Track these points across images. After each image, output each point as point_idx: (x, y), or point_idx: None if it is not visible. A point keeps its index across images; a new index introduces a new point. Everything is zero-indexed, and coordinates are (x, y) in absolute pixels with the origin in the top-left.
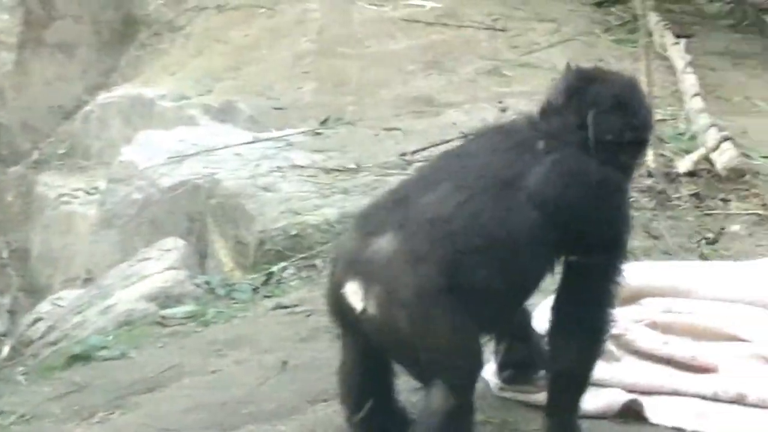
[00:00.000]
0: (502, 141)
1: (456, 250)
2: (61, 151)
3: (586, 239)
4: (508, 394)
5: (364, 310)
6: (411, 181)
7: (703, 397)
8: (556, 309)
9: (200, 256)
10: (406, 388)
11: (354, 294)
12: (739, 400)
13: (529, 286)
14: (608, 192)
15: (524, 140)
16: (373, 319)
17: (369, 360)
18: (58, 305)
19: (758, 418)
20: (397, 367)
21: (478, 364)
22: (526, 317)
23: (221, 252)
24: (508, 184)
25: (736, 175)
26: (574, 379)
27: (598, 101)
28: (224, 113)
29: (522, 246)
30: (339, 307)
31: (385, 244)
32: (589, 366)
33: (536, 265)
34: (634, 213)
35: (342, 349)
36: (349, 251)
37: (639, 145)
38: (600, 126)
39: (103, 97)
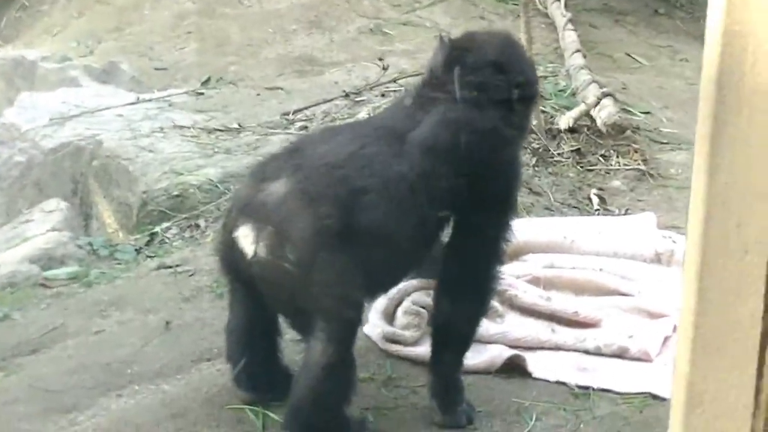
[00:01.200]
0: (394, 109)
1: (349, 191)
2: None
3: (475, 192)
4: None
5: (254, 254)
6: (306, 137)
7: (586, 352)
8: (445, 265)
9: (84, 218)
10: (288, 345)
11: (245, 237)
12: (621, 354)
13: (420, 241)
14: (495, 144)
15: (413, 104)
16: (264, 262)
17: (256, 317)
18: None
19: (640, 372)
20: (282, 324)
21: (358, 316)
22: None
23: (104, 213)
24: (399, 136)
25: (617, 130)
26: (459, 335)
27: (477, 66)
28: (106, 74)
29: (411, 193)
30: (230, 257)
31: (278, 187)
32: (474, 322)
33: (427, 218)
34: None
35: (230, 306)
36: (241, 198)
37: (528, 101)
38: (464, 81)
39: None
